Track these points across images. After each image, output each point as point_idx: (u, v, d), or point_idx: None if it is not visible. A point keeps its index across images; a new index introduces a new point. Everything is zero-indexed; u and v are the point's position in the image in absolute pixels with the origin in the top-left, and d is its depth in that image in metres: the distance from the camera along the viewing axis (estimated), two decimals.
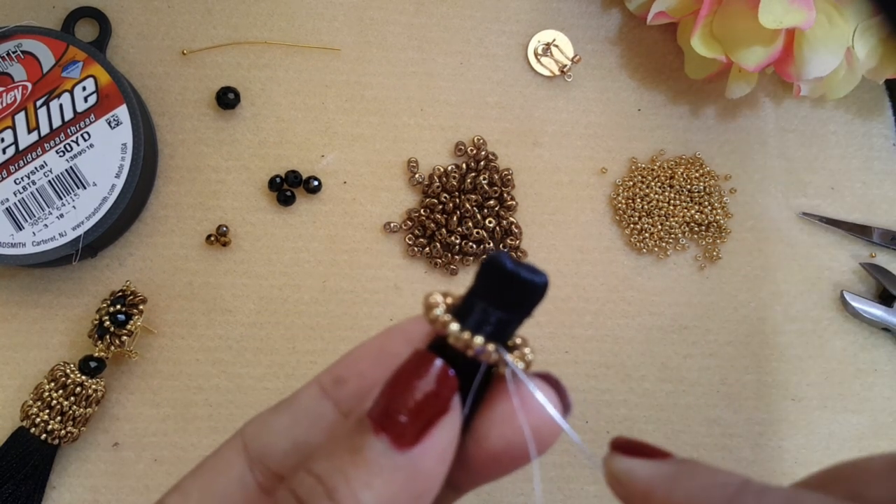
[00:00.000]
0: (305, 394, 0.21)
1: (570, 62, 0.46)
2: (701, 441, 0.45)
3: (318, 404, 0.21)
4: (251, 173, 0.45)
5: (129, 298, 0.42)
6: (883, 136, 0.48)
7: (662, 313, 0.46)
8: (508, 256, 0.19)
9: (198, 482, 0.21)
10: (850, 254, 0.47)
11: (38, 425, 0.40)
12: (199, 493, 0.21)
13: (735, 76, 0.44)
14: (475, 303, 0.19)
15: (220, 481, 0.21)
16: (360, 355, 0.21)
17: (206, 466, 0.21)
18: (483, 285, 0.19)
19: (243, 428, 0.21)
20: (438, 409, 0.18)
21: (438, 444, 0.18)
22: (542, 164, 0.46)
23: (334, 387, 0.21)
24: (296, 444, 0.21)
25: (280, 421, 0.21)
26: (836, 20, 0.40)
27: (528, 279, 0.19)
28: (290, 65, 0.45)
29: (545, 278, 0.19)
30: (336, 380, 0.21)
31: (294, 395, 0.21)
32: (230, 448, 0.21)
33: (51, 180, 0.40)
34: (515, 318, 0.20)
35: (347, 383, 0.21)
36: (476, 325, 0.19)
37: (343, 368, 0.21)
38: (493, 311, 0.19)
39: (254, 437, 0.21)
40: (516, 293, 0.19)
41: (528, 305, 0.19)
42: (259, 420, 0.21)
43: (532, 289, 0.19)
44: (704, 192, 0.46)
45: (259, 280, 0.44)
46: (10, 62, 0.41)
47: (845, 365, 0.46)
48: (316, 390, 0.21)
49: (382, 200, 0.45)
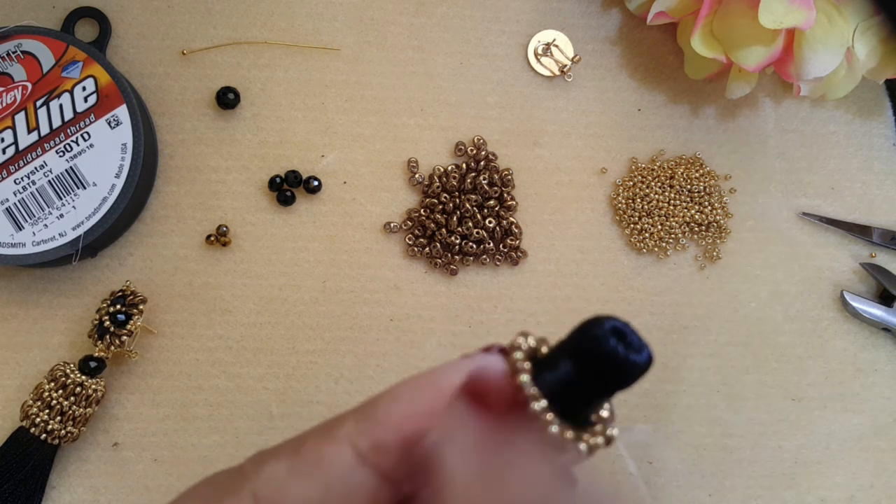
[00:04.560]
0: (336, 458, 0.18)
1: (570, 62, 0.46)
2: (701, 441, 0.45)
3: (355, 472, 0.18)
4: (251, 173, 0.45)
5: (129, 298, 0.42)
6: (883, 136, 0.48)
7: (662, 313, 0.46)
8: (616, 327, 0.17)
9: None
10: (850, 254, 0.47)
11: (38, 425, 0.40)
12: None
13: (735, 76, 0.44)
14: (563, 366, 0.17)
15: None
16: (406, 416, 0.18)
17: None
18: (578, 349, 0.17)
19: (256, 490, 0.18)
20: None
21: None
22: (542, 164, 0.46)
23: (374, 454, 0.18)
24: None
25: (307, 488, 0.18)
26: (836, 20, 0.40)
27: (629, 362, 0.17)
28: (290, 65, 0.45)
29: (648, 358, 0.17)
30: (377, 447, 0.18)
31: (318, 456, 0.18)
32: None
33: (51, 180, 0.40)
34: (605, 394, 0.18)
35: (391, 451, 0.18)
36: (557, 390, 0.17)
37: (385, 432, 0.18)
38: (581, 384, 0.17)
39: (273, 502, 0.18)
40: (613, 373, 0.17)
41: (623, 385, 0.18)
42: (276, 484, 0.18)
43: (632, 370, 0.17)
44: (704, 192, 0.46)
45: (259, 280, 0.44)
46: (10, 62, 0.41)
47: (845, 365, 0.46)
48: (350, 455, 0.18)
49: (382, 200, 0.45)
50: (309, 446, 0.19)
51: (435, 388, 0.18)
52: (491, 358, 0.18)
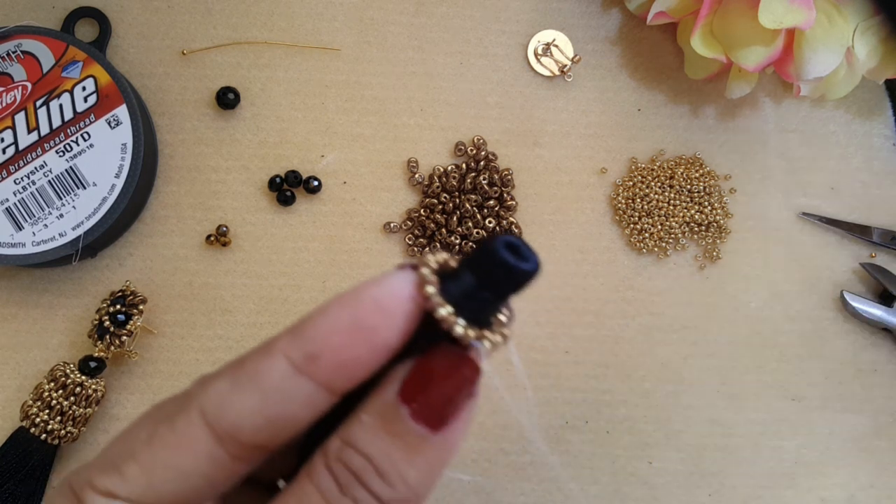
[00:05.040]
0: (273, 370, 0.20)
1: (570, 62, 0.46)
2: (701, 441, 0.45)
3: (289, 381, 0.20)
4: (251, 173, 0.45)
5: (129, 298, 0.42)
6: (883, 136, 0.48)
7: (662, 313, 0.46)
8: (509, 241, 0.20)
9: (159, 457, 0.20)
10: (850, 254, 0.47)
11: (38, 425, 0.40)
12: (164, 469, 0.20)
13: (735, 76, 0.44)
14: (465, 277, 0.20)
15: (187, 458, 0.20)
16: (331, 328, 0.20)
17: (166, 443, 0.20)
18: (477, 262, 0.20)
19: (202, 405, 0.20)
20: (469, 397, 0.20)
21: (466, 420, 0.20)
22: (542, 164, 0.46)
23: (307, 363, 0.20)
24: (269, 420, 0.20)
25: (248, 399, 0.20)
26: (836, 20, 0.40)
27: (517, 268, 0.20)
28: (290, 65, 0.45)
29: (534, 265, 0.20)
30: (308, 357, 0.20)
31: (255, 370, 0.20)
32: (190, 425, 0.20)
33: (51, 180, 0.40)
34: (501, 298, 0.21)
35: (322, 359, 0.20)
36: (460, 298, 0.20)
37: (313, 343, 0.20)
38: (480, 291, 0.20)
39: (219, 416, 0.20)
40: (505, 279, 0.20)
41: (514, 289, 0.21)
42: (220, 398, 0.20)
43: (521, 276, 0.20)
44: (704, 192, 0.46)
45: (259, 280, 0.44)
46: (10, 62, 0.41)
47: (845, 365, 0.46)
48: (285, 366, 0.20)
49: (382, 200, 0.45)
50: (248, 363, 0.21)
51: (358, 302, 0.20)
52: (406, 273, 0.21)
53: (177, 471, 0.20)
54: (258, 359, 0.21)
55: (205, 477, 0.21)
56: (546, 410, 0.44)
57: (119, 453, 0.21)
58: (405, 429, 0.20)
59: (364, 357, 0.20)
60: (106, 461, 0.21)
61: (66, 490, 0.21)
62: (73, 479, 0.21)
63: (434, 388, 0.20)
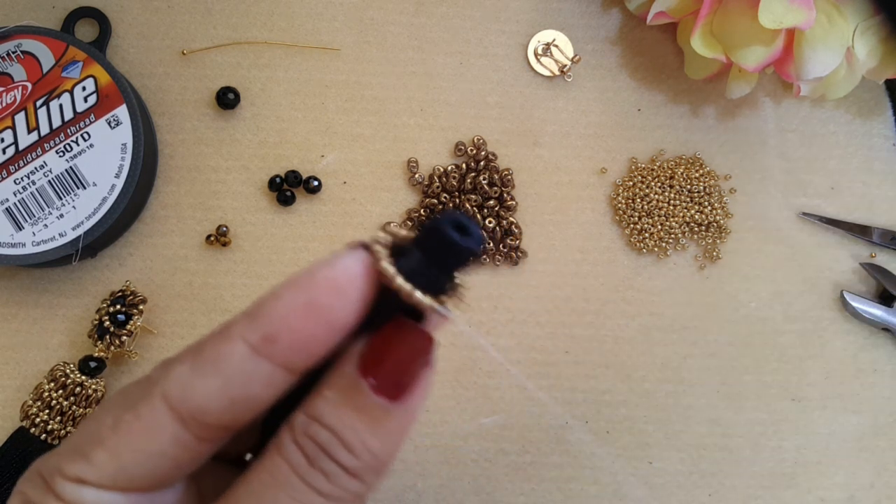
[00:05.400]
0: (232, 353, 0.21)
1: (570, 62, 0.46)
2: (701, 441, 0.45)
3: (249, 363, 0.21)
4: (251, 173, 0.45)
5: (129, 298, 0.42)
6: (883, 136, 0.48)
7: (662, 313, 0.46)
8: (456, 219, 0.21)
9: (125, 442, 0.21)
10: (850, 254, 0.47)
11: (38, 425, 0.40)
12: (132, 454, 0.21)
13: (735, 76, 0.44)
14: (414, 254, 0.21)
15: (153, 443, 0.21)
16: (286, 308, 0.20)
17: (131, 428, 0.21)
18: (423, 239, 0.21)
19: (165, 391, 0.21)
20: (425, 366, 0.21)
21: (424, 389, 0.21)
22: (542, 164, 0.46)
23: (265, 345, 0.20)
24: (231, 401, 0.21)
25: (209, 383, 0.21)
26: (836, 20, 0.40)
27: (459, 245, 0.21)
28: (290, 65, 0.45)
29: (476, 244, 0.21)
30: (266, 338, 0.20)
31: (215, 354, 0.21)
32: (154, 410, 0.21)
33: (51, 180, 0.40)
34: (447, 273, 0.22)
35: (279, 340, 0.20)
36: (410, 274, 0.21)
37: (269, 324, 0.21)
38: (429, 265, 0.21)
39: (182, 400, 0.21)
40: (449, 255, 0.21)
41: (458, 265, 0.21)
42: (182, 383, 0.21)
43: (464, 252, 0.21)
44: (704, 192, 0.46)
45: (259, 280, 0.44)
46: (10, 62, 0.41)
47: (845, 365, 0.46)
48: (244, 349, 0.21)
49: (382, 200, 0.45)
50: (207, 347, 0.21)
51: (311, 283, 0.21)
52: (357, 252, 0.21)
53: (143, 454, 0.21)
54: (217, 343, 0.21)
55: (171, 459, 0.21)
56: (546, 410, 0.44)
57: (86, 440, 0.21)
58: (367, 402, 0.20)
59: (321, 336, 0.21)
60: (73, 448, 0.21)
61: (35, 478, 0.21)
62: (41, 467, 0.22)
63: (391, 360, 0.20)
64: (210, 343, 0.21)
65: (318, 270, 0.21)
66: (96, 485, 0.21)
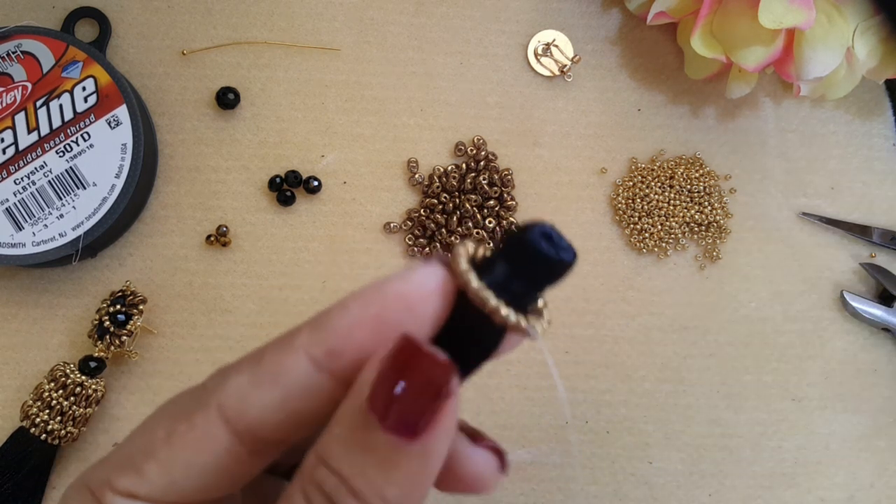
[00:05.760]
0: (294, 366, 0.19)
1: (570, 62, 0.46)
2: (701, 441, 0.45)
3: (310, 378, 0.19)
4: (251, 173, 0.45)
5: (129, 298, 0.42)
6: (883, 136, 0.48)
7: (662, 313, 0.46)
8: (543, 231, 0.19)
9: (178, 456, 0.20)
10: (850, 254, 0.47)
11: (38, 425, 0.40)
12: (184, 467, 0.20)
13: (735, 76, 0.44)
14: (499, 267, 0.19)
15: (207, 456, 0.20)
16: (355, 324, 0.19)
17: (185, 441, 0.20)
18: (511, 252, 0.19)
19: (221, 402, 0.20)
20: (441, 396, 0.18)
21: (445, 424, 0.18)
22: (542, 164, 0.46)
23: (328, 360, 0.19)
24: (289, 416, 0.20)
25: (268, 396, 0.20)
26: (836, 20, 0.40)
27: (553, 258, 0.19)
28: (290, 65, 0.45)
29: (571, 255, 0.19)
30: (330, 353, 0.19)
31: (276, 366, 0.20)
32: (209, 422, 0.20)
33: (51, 180, 0.40)
34: (536, 289, 0.20)
35: (343, 357, 0.19)
36: (497, 288, 0.19)
37: (336, 339, 0.19)
38: (515, 280, 0.19)
39: (238, 412, 0.20)
40: (542, 270, 0.19)
41: (551, 280, 0.20)
42: (239, 394, 0.20)
43: (558, 267, 0.19)
44: (704, 192, 0.46)
45: (259, 280, 0.44)
46: (10, 62, 0.41)
47: (845, 365, 0.46)
48: (306, 364, 0.19)
49: (382, 200, 0.45)
50: (268, 358, 0.20)
51: (381, 297, 0.19)
52: (432, 268, 0.20)
53: (197, 468, 0.20)
54: (278, 354, 0.20)
55: (225, 473, 0.20)
56: (546, 410, 0.44)
57: (137, 451, 0.20)
58: (377, 440, 0.18)
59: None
60: (123, 459, 0.20)
61: (83, 490, 0.21)
62: (90, 479, 0.21)
63: (404, 395, 0.18)
64: (270, 353, 0.20)
65: (388, 284, 0.19)
66: (147, 499, 0.20)
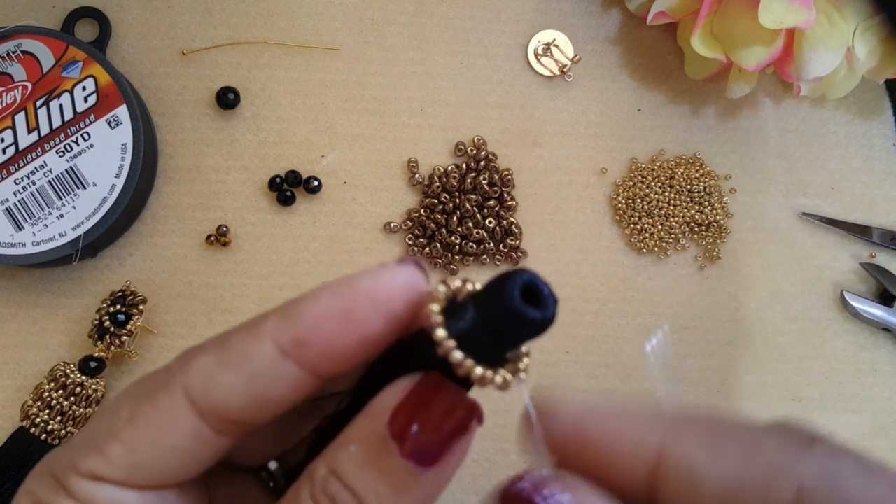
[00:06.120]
0: (259, 351, 0.20)
1: (570, 62, 0.46)
2: None
3: (275, 364, 0.20)
4: (251, 173, 0.45)
5: (129, 298, 0.42)
6: (883, 136, 0.48)
7: (662, 313, 0.46)
8: (525, 282, 0.18)
9: (142, 436, 0.20)
10: (850, 254, 0.47)
11: (38, 425, 0.40)
12: (148, 447, 0.20)
13: (735, 76, 0.44)
14: (468, 314, 0.18)
15: (171, 436, 0.20)
16: (322, 315, 0.20)
17: (149, 421, 0.20)
18: (483, 300, 0.19)
19: (186, 383, 0.20)
20: (461, 433, 0.19)
21: (459, 457, 0.19)
22: (542, 164, 0.46)
23: (294, 348, 0.20)
24: (254, 399, 0.20)
25: (233, 379, 0.20)
26: (836, 20, 0.40)
27: (524, 315, 0.18)
28: (290, 65, 0.45)
29: (546, 315, 0.18)
30: (297, 342, 0.20)
31: (242, 350, 0.20)
32: (174, 403, 0.20)
33: (51, 180, 0.40)
34: (504, 345, 0.19)
35: (310, 346, 0.19)
36: (462, 336, 0.18)
37: (302, 328, 0.20)
38: (484, 333, 0.18)
39: (202, 394, 0.20)
40: (510, 325, 0.18)
41: (519, 338, 0.19)
42: (204, 376, 0.20)
43: (527, 324, 0.18)
44: (704, 192, 0.46)
45: (259, 280, 0.44)
46: (10, 62, 0.41)
47: (845, 365, 0.46)
48: (272, 350, 0.20)
49: (382, 200, 0.45)
50: (234, 342, 0.20)
51: (352, 292, 0.20)
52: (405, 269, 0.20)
53: (160, 449, 0.20)
54: (245, 338, 0.20)
55: (189, 453, 0.20)
56: None
57: (100, 433, 0.20)
58: (393, 465, 0.19)
59: (352, 347, 0.20)
60: (86, 442, 0.20)
61: (45, 476, 0.21)
62: (52, 465, 0.21)
63: (425, 426, 0.19)
64: (237, 337, 0.20)
65: (359, 279, 0.20)
66: (111, 481, 0.20)
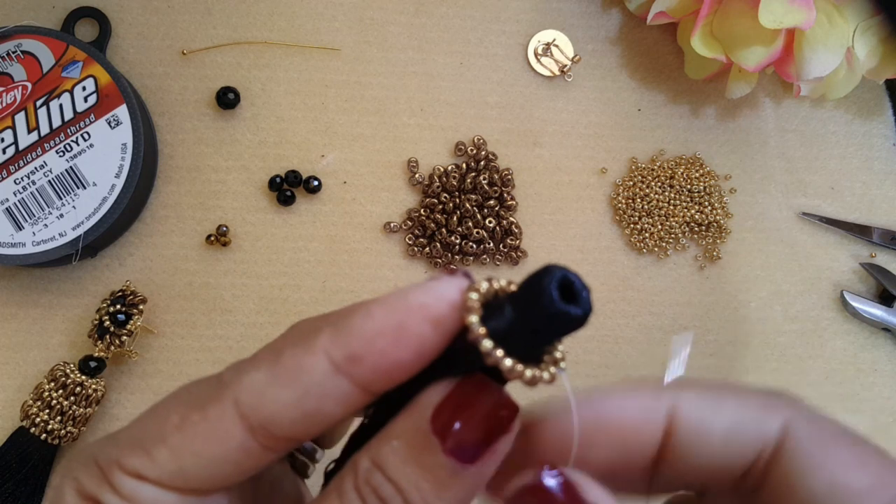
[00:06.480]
0: (313, 367, 0.20)
1: (570, 62, 0.46)
2: None
3: (328, 379, 0.20)
4: (251, 173, 0.45)
5: (129, 298, 0.42)
6: (883, 136, 0.48)
7: (662, 313, 0.46)
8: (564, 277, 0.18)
9: (190, 444, 0.20)
10: (850, 254, 0.47)
11: (38, 425, 0.40)
12: (194, 456, 0.20)
13: (735, 76, 0.44)
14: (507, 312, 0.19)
15: (218, 448, 0.20)
16: (376, 330, 0.19)
17: (198, 431, 0.20)
18: (520, 298, 0.19)
19: (237, 396, 0.20)
20: (502, 432, 0.19)
21: (500, 455, 0.20)
22: (542, 164, 0.46)
23: (348, 364, 0.20)
24: (305, 415, 0.20)
25: (285, 395, 0.20)
26: (836, 20, 0.40)
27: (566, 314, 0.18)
28: (290, 65, 0.45)
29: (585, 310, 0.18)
30: (350, 358, 0.20)
31: (295, 366, 0.20)
32: (224, 415, 0.20)
33: (51, 180, 0.40)
34: (542, 341, 0.19)
35: (364, 362, 0.20)
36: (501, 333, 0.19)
37: (358, 345, 0.20)
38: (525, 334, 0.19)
39: (253, 408, 0.20)
40: (547, 322, 0.18)
41: (557, 334, 0.19)
42: (256, 391, 0.20)
43: (567, 323, 0.18)
44: (704, 192, 0.46)
45: (259, 280, 0.44)
46: (10, 62, 0.41)
47: (845, 365, 0.46)
48: (326, 365, 0.20)
49: (382, 200, 0.45)
50: (286, 356, 0.20)
51: (405, 306, 0.20)
52: (456, 281, 0.20)
53: (207, 458, 0.20)
54: (298, 353, 0.20)
55: (234, 465, 0.21)
56: None
57: (148, 434, 0.21)
58: (436, 461, 0.19)
59: (407, 363, 0.20)
60: (134, 441, 0.21)
61: (91, 466, 0.21)
62: (98, 455, 0.21)
63: (467, 424, 0.19)
64: (290, 352, 0.20)
65: (412, 293, 0.20)
66: (154, 482, 0.20)
